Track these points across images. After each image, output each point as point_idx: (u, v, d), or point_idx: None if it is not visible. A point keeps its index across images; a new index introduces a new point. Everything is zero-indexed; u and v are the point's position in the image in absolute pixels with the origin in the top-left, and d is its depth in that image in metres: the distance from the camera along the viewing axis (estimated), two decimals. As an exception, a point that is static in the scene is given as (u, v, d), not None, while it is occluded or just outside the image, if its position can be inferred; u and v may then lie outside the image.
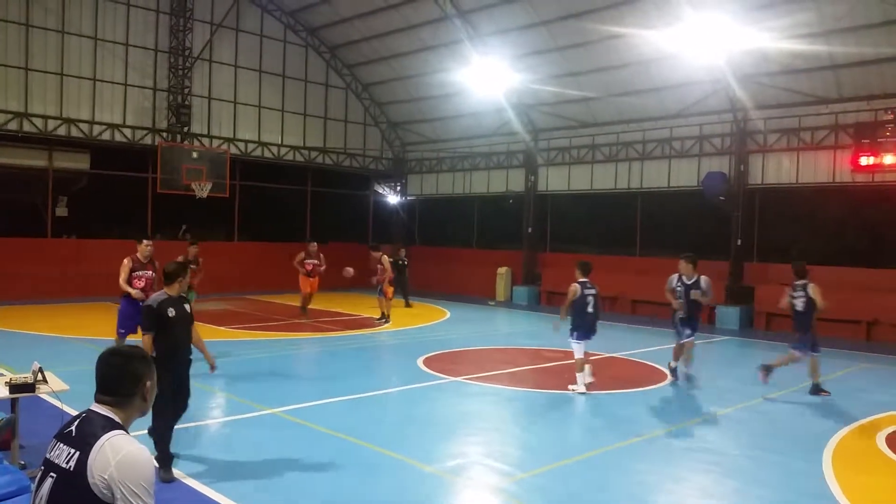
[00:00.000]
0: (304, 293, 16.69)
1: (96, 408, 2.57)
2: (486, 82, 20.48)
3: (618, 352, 13.57)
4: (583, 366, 9.89)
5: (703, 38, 15.96)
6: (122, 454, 2.38)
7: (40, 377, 5.71)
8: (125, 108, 21.08)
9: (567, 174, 23.09)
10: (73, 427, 2.53)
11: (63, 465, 2.42)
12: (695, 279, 10.69)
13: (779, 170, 18.57)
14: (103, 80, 20.65)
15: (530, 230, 23.78)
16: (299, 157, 25.17)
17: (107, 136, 20.69)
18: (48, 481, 2.44)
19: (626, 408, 9.30)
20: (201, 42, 22.20)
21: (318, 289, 17.17)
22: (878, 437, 7.95)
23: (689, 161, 20.13)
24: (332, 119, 26.12)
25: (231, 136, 23.32)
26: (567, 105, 21.91)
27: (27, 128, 19.27)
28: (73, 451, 2.42)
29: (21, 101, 19.18)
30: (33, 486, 2.52)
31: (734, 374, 12.74)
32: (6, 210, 20.30)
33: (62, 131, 19.87)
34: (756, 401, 9.74)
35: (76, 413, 2.65)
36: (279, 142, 24.58)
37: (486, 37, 20.75)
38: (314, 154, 25.55)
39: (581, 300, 9.89)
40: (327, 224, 26.31)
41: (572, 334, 9.96)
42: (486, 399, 9.63)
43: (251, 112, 23.92)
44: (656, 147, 20.79)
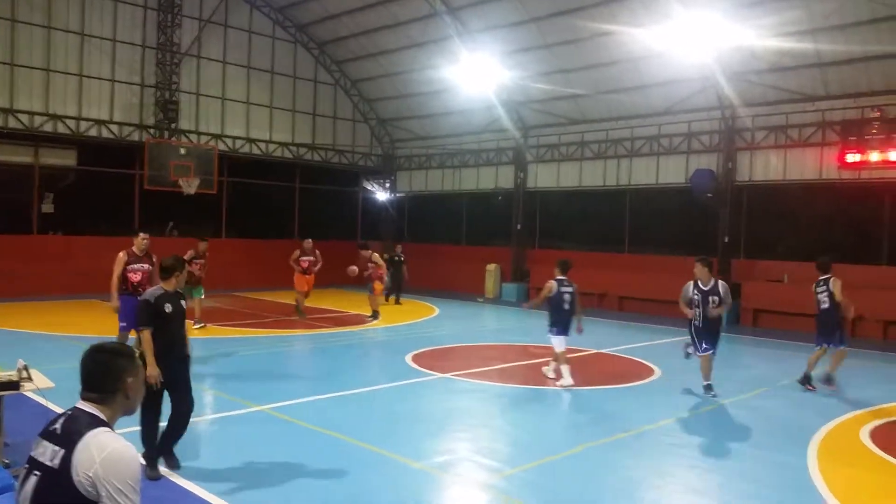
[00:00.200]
0: (300, 292, 16.37)
1: (82, 405, 2.56)
2: (475, 79, 20.47)
3: (605, 348, 13.63)
4: (565, 360, 10.05)
5: (692, 35, 16.02)
6: (106, 451, 2.37)
7: (25, 375, 5.68)
8: (112, 105, 20.94)
9: (556, 171, 23.14)
10: (58, 425, 2.52)
11: (48, 463, 2.41)
12: (712, 284, 9.55)
13: (766, 167, 18.69)
14: (90, 76, 20.50)
15: (519, 227, 23.82)
16: (288, 154, 25.09)
17: (94, 132, 20.55)
18: (32, 479, 2.43)
19: (614, 403, 9.35)
20: (189, 38, 22.09)
21: (313, 286, 16.84)
22: (862, 432, 8.03)
23: (677, 158, 20.21)
24: (321, 115, 26.05)
25: (219, 132, 23.21)
26: (556, 102, 21.94)
27: (13, 124, 19.11)
28: (58, 448, 2.41)
29: (6, 96, 19.01)
30: (17, 485, 2.51)
31: (721, 370, 12.81)
32: (-8, 206, 20.15)
33: (48, 127, 19.72)
34: (742, 396, 9.81)
35: (62, 411, 2.64)
36: (268, 138, 24.49)
37: (475, 33, 20.75)
38: (303, 150, 25.48)
39: (558, 297, 10.12)
40: (316, 221, 26.23)
41: (551, 330, 10.17)
42: (475, 395, 9.65)
43: (239, 108, 23.82)
44: (645, 144, 20.86)
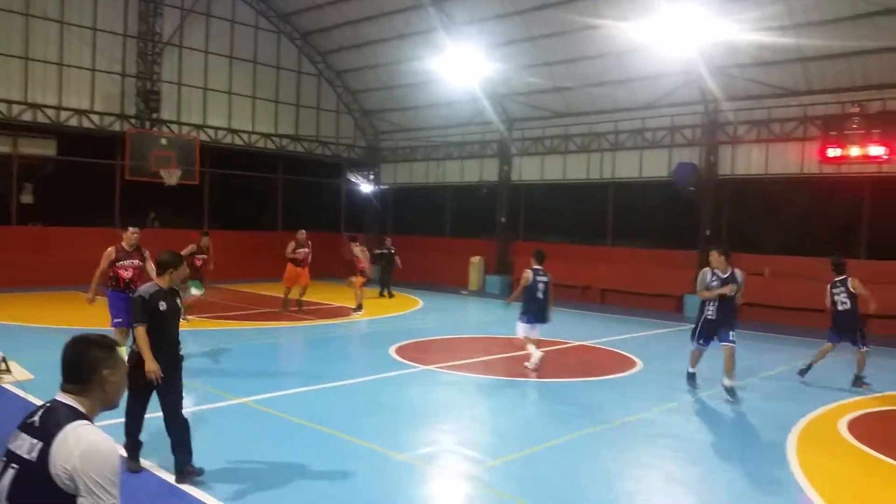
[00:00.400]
0: (289, 286, 16.01)
1: (61, 397, 2.53)
2: (460, 71, 20.42)
3: (587, 340, 13.70)
4: (529, 342, 10.38)
5: (676, 29, 16.08)
6: (85, 444, 2.35)
7: (4, 367, 5.62)
8: (93, 94, 20.69)
9: (540, 164, 23.18)
10: (36, 417, 2.49)
11: (25, 456, 2.38)
12: (729, 272, 9.26)
13: (748, 161, 18.82)
14: (70, 66, 20.22)
15: (504, 220, 23.84)
16: (270, 145, 24.93)
17: (74, 122, 20.30)
18: (10, 472, 2.40)
19: (595, 395, 9.42)
20: (171, 27, 21.85)
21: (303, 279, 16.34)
22: (840, 423, 8.13)
23: (660, 152, 20.30)
24: (305, 106, 25.89)
25: (201, 122, 23.01)
26: (541, 95, 21.96)
27: (-9, 113, 18.87)
28: (35, 441, 2.38)
29: (-16, 85, 18.77)
30: (-6, 478, 2.48)
31: (702, 362, 12.92)
32: (-31, 197, 19.88)
33: (27, 117, 19.45)
34: (722, 388, 9.89)
35: (41, 403, 2.62)
36: (250, 129, 24.32)
37: (460, 26, 20.69)
38: (286, 142, 25.33)
39: (532, 286, 10.41)
40: (299, 213, 26.03)
41: (521, 317, 10.51)
42: (458, 387, 9.68)
43: (222, 98, 23.62)
44: (628, 138, 20.94)
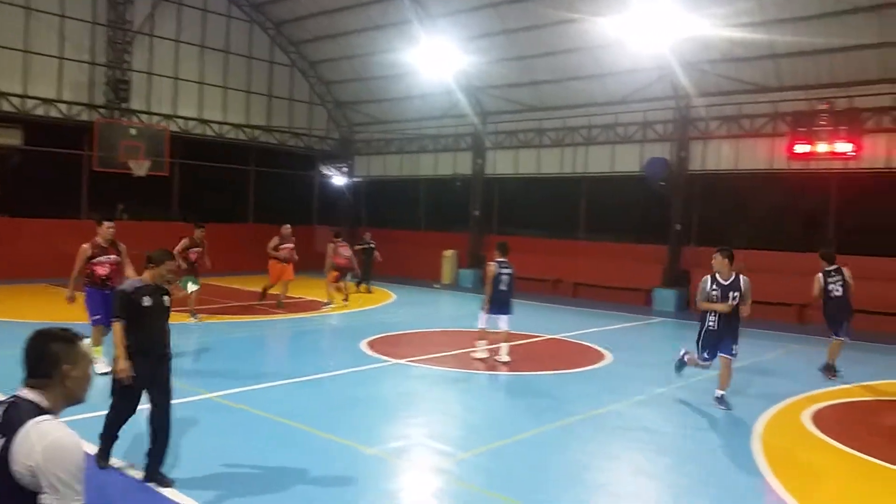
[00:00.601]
0: (273, 282, 15.64)
1: (23, 392, 2.49)
2: (435, 64, 20.37)
3: (559, 333, 13.80)
4: (484, 335, 10.81)
5: (649, 25, 16.18)
6: (48, 440, 2.31)
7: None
8: (60, 83, 20.28)
9: (514, 158, 23.23)
10: (-3, 413, 2.44)
11: (-14, 453, 2.34)
12: (732, 278, 8.45)
13: (719, 156, 19.04)
14: (37, 53, 19.78)
15: (477, 213, 23.88)
16: (242, 136, 24.67)
17: (40, 111, 19.87)
18: (-30, 469, 2.36)
19: (565, 388, 9.49)
20: (142, 15, 21.48)
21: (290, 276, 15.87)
22: (804, 415, 8.29)
23: (632, 147, 20.46)
24: (277, 97, 25.65)
25: (171, 112, 22.69)
26: (515, 89, 21.99)
27: (-47, 100, 18.42)
28: (-3, 437, 2.35)
29: (-54, 72, 18.32)
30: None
31: (671, 355, 13.08)
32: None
33: (-9, 105, 19.06)
34: (690, 380, 10.03)
35: (2, 398, 2.57)
36: (221, 119, 24.04)
37: (435, 18, 20.62)
38: (257, 132, 25.08)
39: (497, 278, 10.70)
40: (271, 205, 25.89)
41: (483, 307, 10.82)
42: (430, 381, 9.69)
43: (192, 88, 23.31)
44: (601, 132, 21.07)
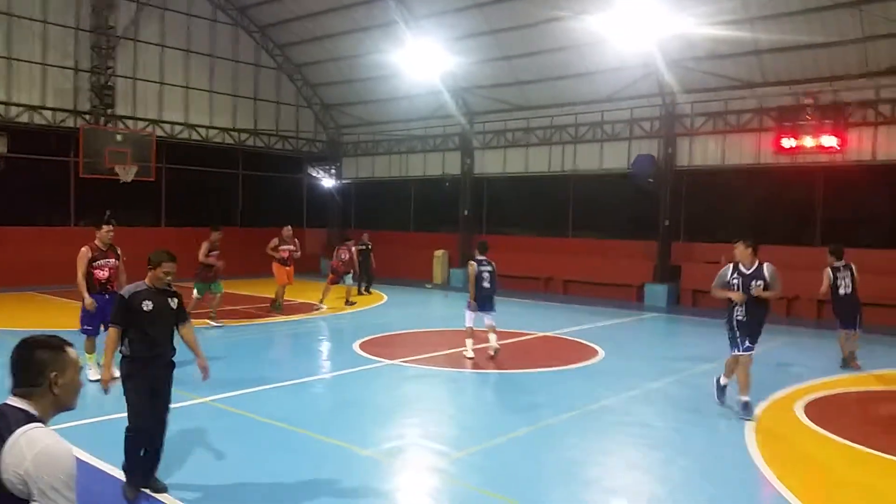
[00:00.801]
0: (282, 284, 15.29)
1: (11, 401, 2.47)
2: (421, 65, 20.37)
3: (551, 331, 13.82)
4: (471, 333, 10.99)
5: (634, 22, 16.24)
6: (38, 448, 2.29)
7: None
8: (44, 89, 20.14)
9: (502, 157, 23.25)
10: (-14, 421, 2.42)
11: (-25, 462, 2.32)
12: (755, 268, 8.14)
13: (705, 152, 19.14)
14: (19, 59, 19.65)
15: (467, 213, 23.89)
16: (229, 140, 24.57)
17: (25, 118, 19.74)
18: (-40, 477, 2.34)
19: (558, 385, 9.50)
20: (125, 21, 21.37)
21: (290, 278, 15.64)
22: (797, 407, 8.34)
23: (619, 144, 20.52)
24: (263, 100, 25.57)
25: (157, 117, 22.58)
26: (502, 88, 22.01)
27: (-64, 109, 18.26)
28: (-14, 446, 2.32)
29: (-71, 80, 18.15)
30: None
31: (663, 350, 13.17)
32: (-85, 196, 19.22)
33: (-25, 113, 18.90)
34: (683, 374, 10.08)
35: (-10, 406, 2.54)
36: (208, 123, 23.94)
37: (420, 19, 20.61)
38: (244, 136, 24.99)
39: (478, 276, 10.93)
40: (260, 208, 25.83)
41: (468, 305, 11.00)
42: (423, 381, 9.69)
43: (178, 93, 23.20)
44: (588, 130, 21.12)
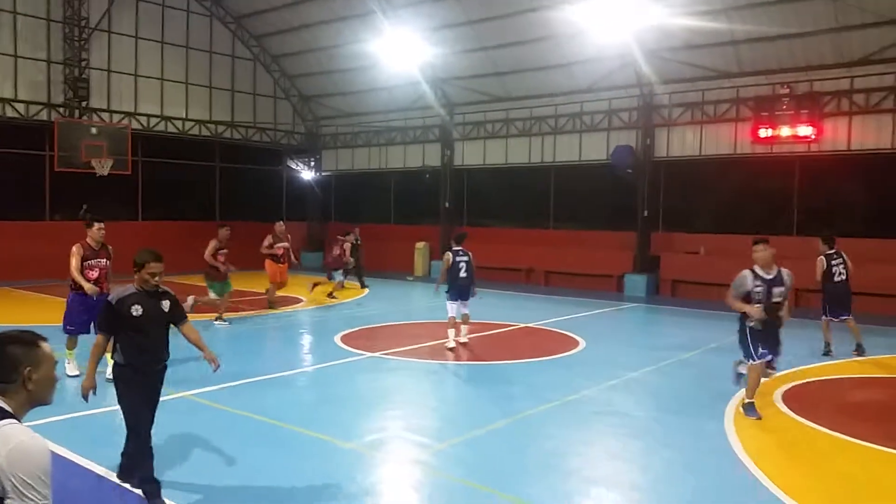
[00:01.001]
0: (274, 282, 15.07)
1: (-17, 398, 2.43)
2: (399, 55, 20.24)
3: (532, 322, 13.86)
4: (454, 324, 11.06)
5: (612, 13, 16.26)
6: (12, 444, 2.26)
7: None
8: (16, 82, 19.79)
9: (482, 148, 23.24)
10: (-41, 419, 2.38)
11: (-51, 459, 2.28)
12: (775, 272, 7.52)
13: (683, 142, 19.27)
14: (-10, 51, 19.34)
15: (447, 205, 23.87)
16: (205, 132, 24.32)
17: (-4, 111, 19.45)
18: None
19: (540, 376, 9.54)
20: (99, 12, 21.02)
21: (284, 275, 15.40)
22: (775, 395, 8.43)
23: (598, 135, 20.59)
24: (240, 92, 25.33)
25: (132, 110, 22.30)
26: (481, 79, 21.98)
27: None
28: (-41, 444, 2.28)
29: None
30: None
31: (643, 339, 13.28)
32: None
33: (-55, 106, 18.55)
34: (662, 364, 10.16)
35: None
36: (184, 116, 23.68)
37: (398, 9, 20.48)
38: (221, 128, 24.75)
39: (455, 266, 11.06)
40: (238, 201, 25.61)
41: (447, 295, 11.17)
42: (405, 373, 9.68)
43: (153, 85, 22.91)
44: (568, 121, 21.17)
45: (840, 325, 11.02)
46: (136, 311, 5.11)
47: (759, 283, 7.40)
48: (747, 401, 7.57)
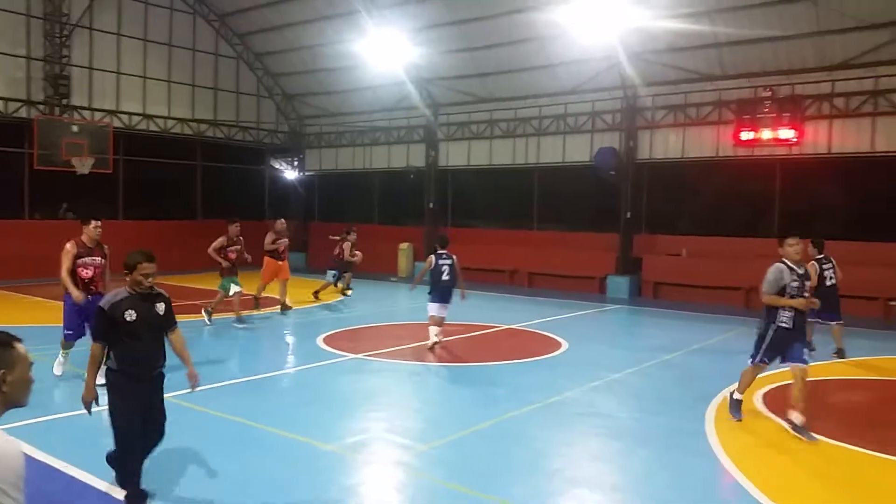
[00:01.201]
0: (266, 282, 14.94)
1: (-41, 400, 2.37)
2: (384, 55, 20.18)
3: (515, 323, 13.87)
4: (435, 323, 11.12)
5: (596, 15, 16.31)
6: (-17, 448, 2.20)
7: None
8: (-6, 78, 19.58)
9: (467, 149, 23.22)
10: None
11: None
12: (804, 269, 7.32)
13: (666, 145, 19.36)
14: (-33, 47, 19.07)
15: (432, 205, 23.83)
16: (188, 130, 24.11)
17: (-26, 107, 19.17)
18: None
19: (522, 377, 9.54)
20: (80, 8, 20.79)
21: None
22: (755, 397, 8.48)
23: (582, 137, 20.64)
24: (223, 90, 25.13)
25: (114, 108, 22.06)
26: (466, 80, 21.96)
27: None
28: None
29: None
30: None
31: (625, 341, 13.33)
32: None
33: (-79, 102, 18.25)
34: (643, 365, 10.19)
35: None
36: (166, 114, 23.47)
37: (383, 8, 20.42)
38: (204, 127, 24.55)
39: (437, 269, 11.10)
40: (220, 200, 25.39)
41: (428, 296, 11.23)
42: (387, 375, 9.65)
43: (135, 83, 22.68)
44: (552, 123, 21.20)
45: (823, 328, 11.08)
46: (130, 315, 4.94)
47: (795, 279, 7.06)
48: (736, 396, 7.53)
